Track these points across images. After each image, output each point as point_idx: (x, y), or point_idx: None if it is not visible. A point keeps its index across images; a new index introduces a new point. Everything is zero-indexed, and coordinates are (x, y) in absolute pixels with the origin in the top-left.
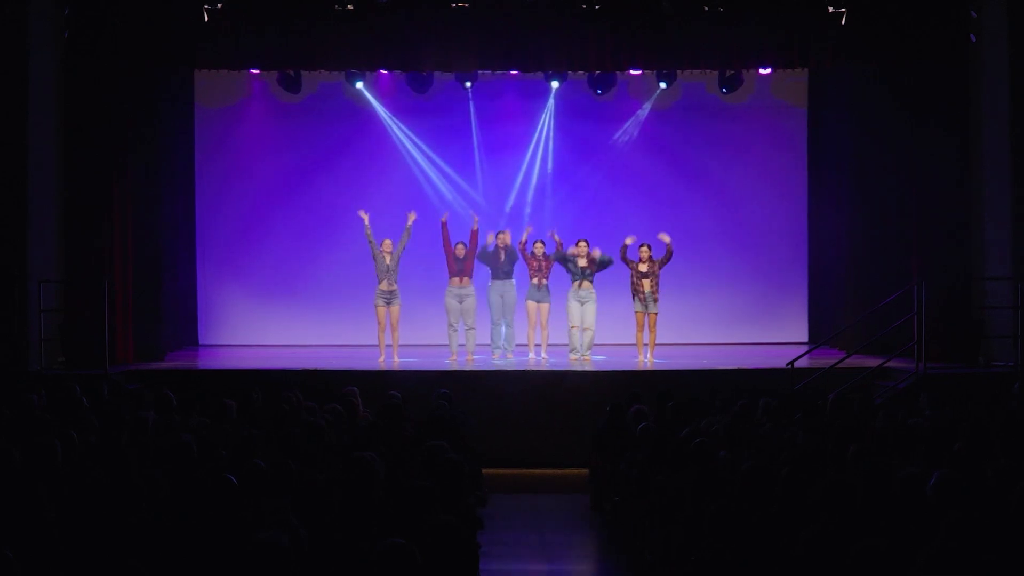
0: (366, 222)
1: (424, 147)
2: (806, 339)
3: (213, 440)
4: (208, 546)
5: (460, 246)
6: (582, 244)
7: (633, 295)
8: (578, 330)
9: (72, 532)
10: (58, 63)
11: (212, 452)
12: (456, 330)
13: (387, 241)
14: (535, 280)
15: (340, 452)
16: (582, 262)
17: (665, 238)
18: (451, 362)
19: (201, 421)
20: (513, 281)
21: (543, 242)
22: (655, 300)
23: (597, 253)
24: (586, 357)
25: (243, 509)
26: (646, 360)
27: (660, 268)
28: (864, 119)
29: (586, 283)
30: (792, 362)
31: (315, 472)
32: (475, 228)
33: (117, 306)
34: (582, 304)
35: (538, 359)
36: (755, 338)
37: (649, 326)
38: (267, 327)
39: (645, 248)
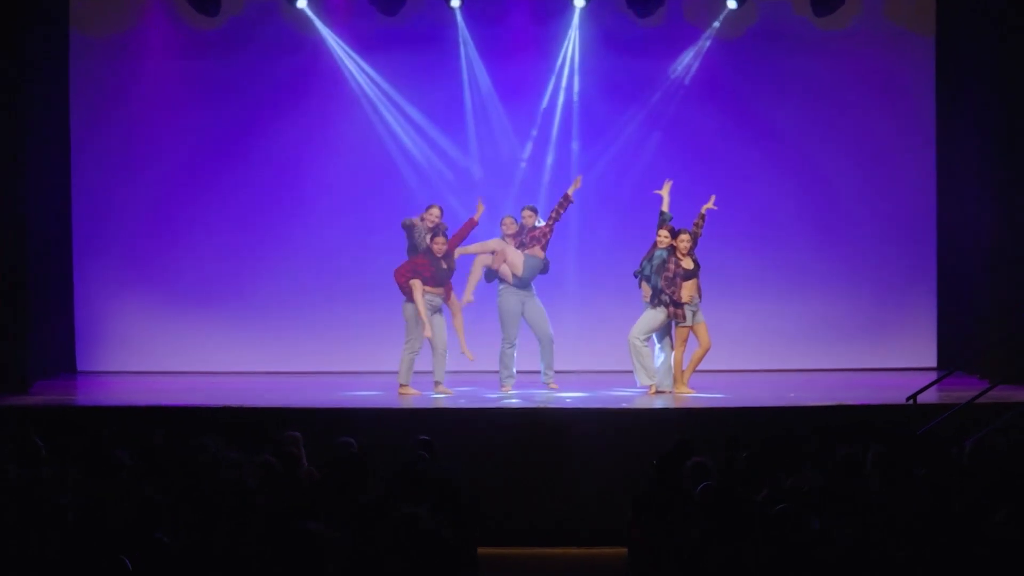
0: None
1: (395, 91)
2: (934, 364)
3: (99, 505)
4: None
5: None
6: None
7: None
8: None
9: None
10: None
11: (97, 521)
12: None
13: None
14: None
15: (276, 522)
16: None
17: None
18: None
19: (81, 478)
20: (532, 289)
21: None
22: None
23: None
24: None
25: None
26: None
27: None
28: (1019, 56)
29: None
30: (914, 396)
31: (240, 549)
32: (476, 219)
33: None
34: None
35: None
36: (862, 363)
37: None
38: (172, 348)
39: (685, 235)
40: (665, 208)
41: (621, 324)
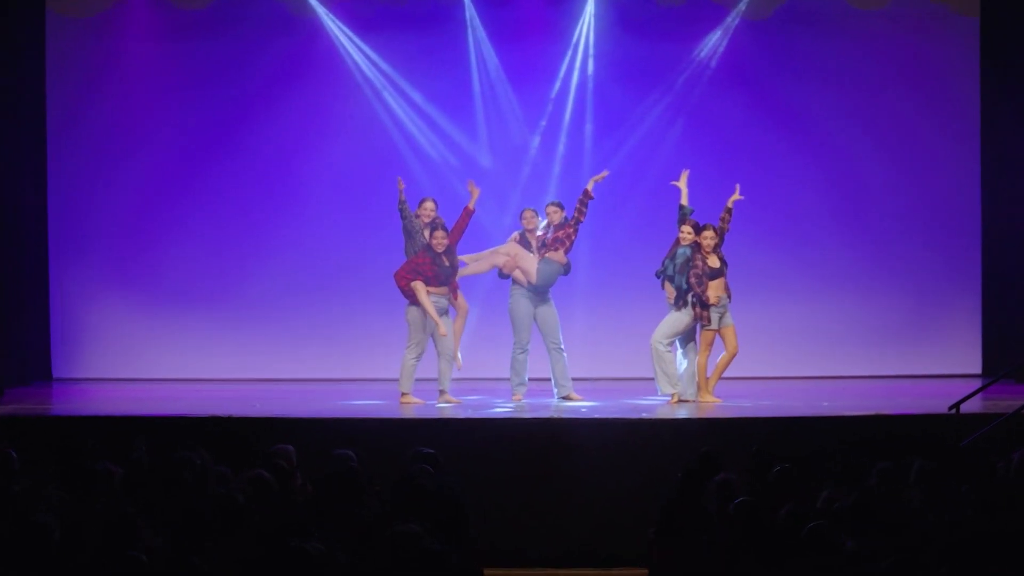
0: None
1: (398, 76)
2: (978, 370)
3: (77, 521)
4: None
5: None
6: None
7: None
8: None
9: None
10: None
11: (77, 539)
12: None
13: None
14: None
15: (268, 540)
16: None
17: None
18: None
19: (59, 493)
20: (548, 293)
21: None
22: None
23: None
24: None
25: None
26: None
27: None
28: None
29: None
30: (957, 405)
31: (230, 570)
32: (470, 206)
33: None
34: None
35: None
36: (900, 369)
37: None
38: (155, 354)
39: (710, 232)
40: (684, 201)
41: (641, 328)
